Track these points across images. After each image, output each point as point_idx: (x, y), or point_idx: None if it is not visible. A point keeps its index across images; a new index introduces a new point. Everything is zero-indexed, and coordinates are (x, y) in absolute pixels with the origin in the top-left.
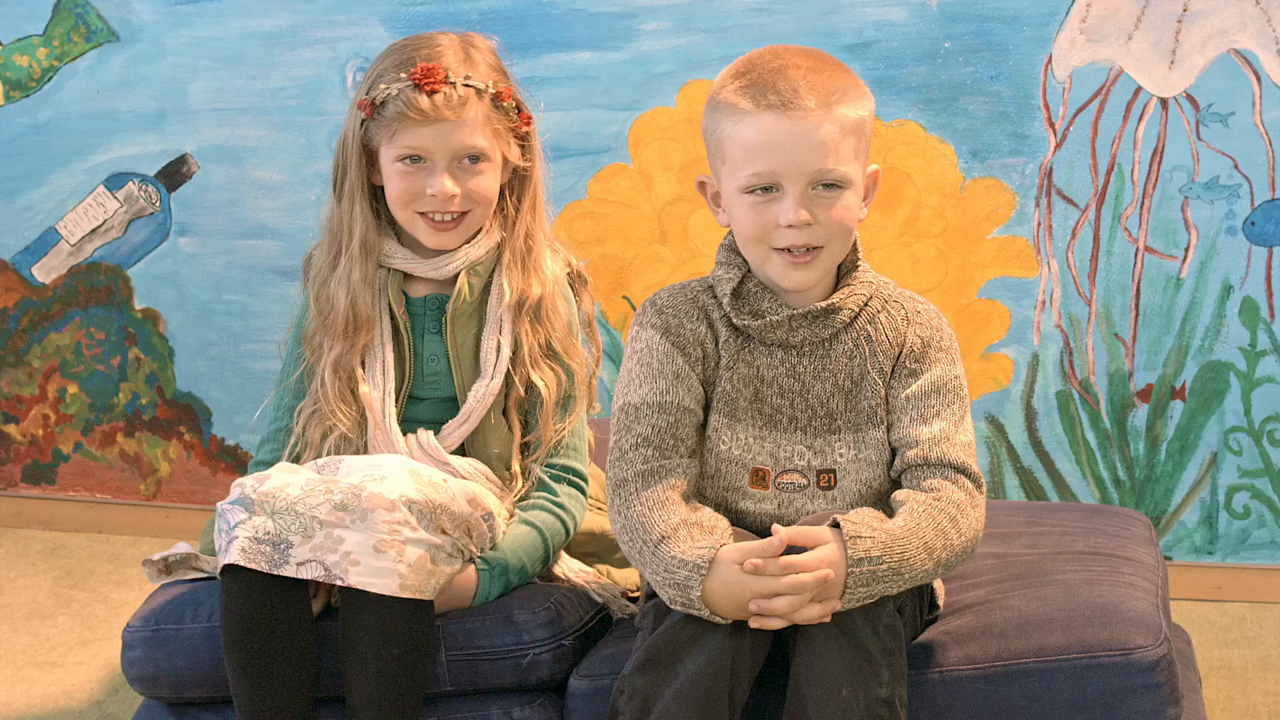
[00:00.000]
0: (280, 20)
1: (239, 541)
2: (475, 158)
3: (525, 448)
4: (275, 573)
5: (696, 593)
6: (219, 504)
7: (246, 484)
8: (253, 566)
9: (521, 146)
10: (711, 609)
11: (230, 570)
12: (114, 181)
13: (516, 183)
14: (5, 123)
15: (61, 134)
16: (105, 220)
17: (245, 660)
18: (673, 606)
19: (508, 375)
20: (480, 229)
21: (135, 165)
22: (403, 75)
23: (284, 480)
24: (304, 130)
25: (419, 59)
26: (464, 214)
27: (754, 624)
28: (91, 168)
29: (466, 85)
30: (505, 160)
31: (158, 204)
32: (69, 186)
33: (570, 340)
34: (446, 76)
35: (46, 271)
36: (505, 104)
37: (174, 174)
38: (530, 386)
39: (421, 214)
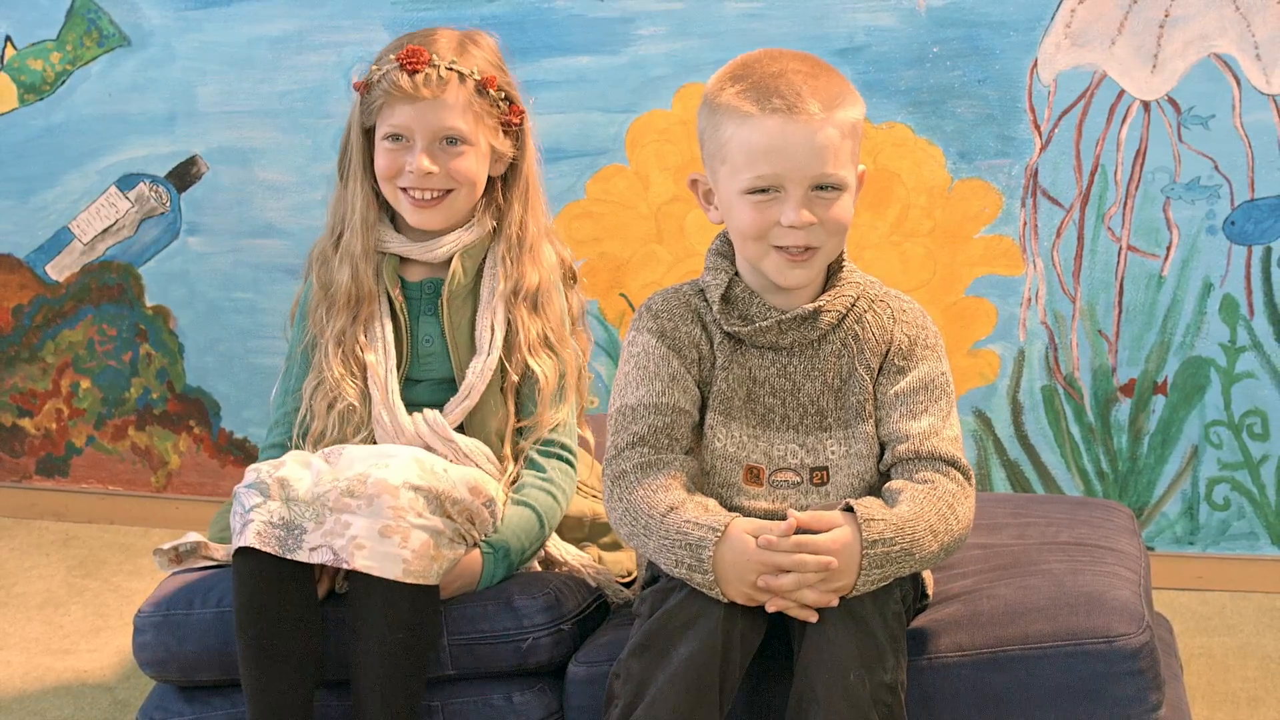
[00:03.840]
0: (286, 25)
1: (254, 525)
2: (455, 139)
3: (519, 433)
4: (288, 557)
5: (709, 552)
6: (236, 487)
7: (263, 469)
8: (267, 550)
9: (514, 138)
10: (718, 575)
11: (243, 552)
12: (125, 182)
13: (509, 174)
14: (20, 125)
15: (74, 136)
16: (117, 220)
17: (254, 641)
18: (676, 572)
19: (503, 357)
20: (470, 214)
21: (146, 166)
22: (393, 58)
23: (298, 469)
24: (310, 132)
25: (411, 44)
26: (446, 193)
27: (771, 607)
28: (104, 169)
29: (450, 69)
30: (493, 148)
31: (168, 204)
32: (82, 187)
33: (563, 333)
34: (431, 59)
35: (60, 270)
36: (491, 92)
37: (184, 175)
38: (527, 372)
39: (404, 190)
